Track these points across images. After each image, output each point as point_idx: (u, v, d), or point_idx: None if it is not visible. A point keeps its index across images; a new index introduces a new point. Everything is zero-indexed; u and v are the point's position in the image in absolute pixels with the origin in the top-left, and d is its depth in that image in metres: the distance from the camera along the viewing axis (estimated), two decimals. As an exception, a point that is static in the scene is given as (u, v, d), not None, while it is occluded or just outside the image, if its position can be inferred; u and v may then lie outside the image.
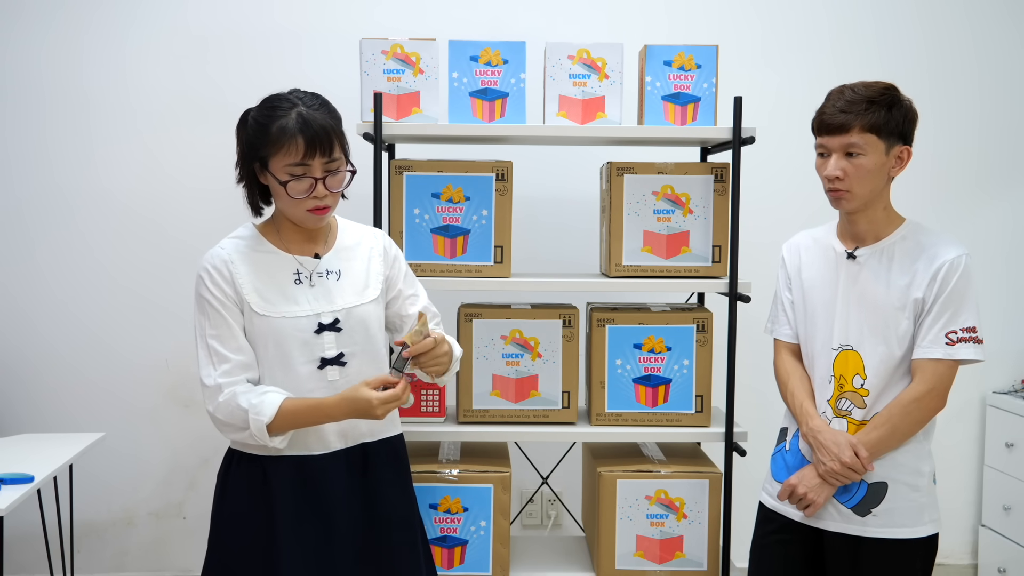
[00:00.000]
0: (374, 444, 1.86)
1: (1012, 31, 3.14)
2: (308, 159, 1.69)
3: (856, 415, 1.90)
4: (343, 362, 1.79)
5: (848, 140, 1.83)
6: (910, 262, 1.87)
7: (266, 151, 1.70)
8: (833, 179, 1.86)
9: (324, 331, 1.77)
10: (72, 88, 2.98)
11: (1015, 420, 3.03)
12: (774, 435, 2.42)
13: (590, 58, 2.40)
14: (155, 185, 3.01)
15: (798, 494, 1.90)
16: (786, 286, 2.06)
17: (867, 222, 1.91)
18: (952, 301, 1.83)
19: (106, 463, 3.00)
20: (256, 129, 1.72)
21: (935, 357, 1.84)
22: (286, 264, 1.79)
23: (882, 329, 1.87)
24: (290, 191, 1.70)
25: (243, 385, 1.72)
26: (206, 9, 2.98)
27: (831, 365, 1.92)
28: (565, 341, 2.41)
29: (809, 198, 2.80)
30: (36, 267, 3.02)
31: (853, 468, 1.84)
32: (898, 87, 1.88)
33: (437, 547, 2.36)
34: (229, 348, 1.73)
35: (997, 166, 3.18)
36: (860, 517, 1.88)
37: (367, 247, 1.90)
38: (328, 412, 1.72)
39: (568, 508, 3.09)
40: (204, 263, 1.76)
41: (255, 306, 1.74)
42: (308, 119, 1.68)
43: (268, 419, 1.67)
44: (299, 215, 1.75)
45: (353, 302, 1.81)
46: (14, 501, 2.09)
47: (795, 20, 3.09)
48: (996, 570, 3.09)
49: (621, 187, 2.41)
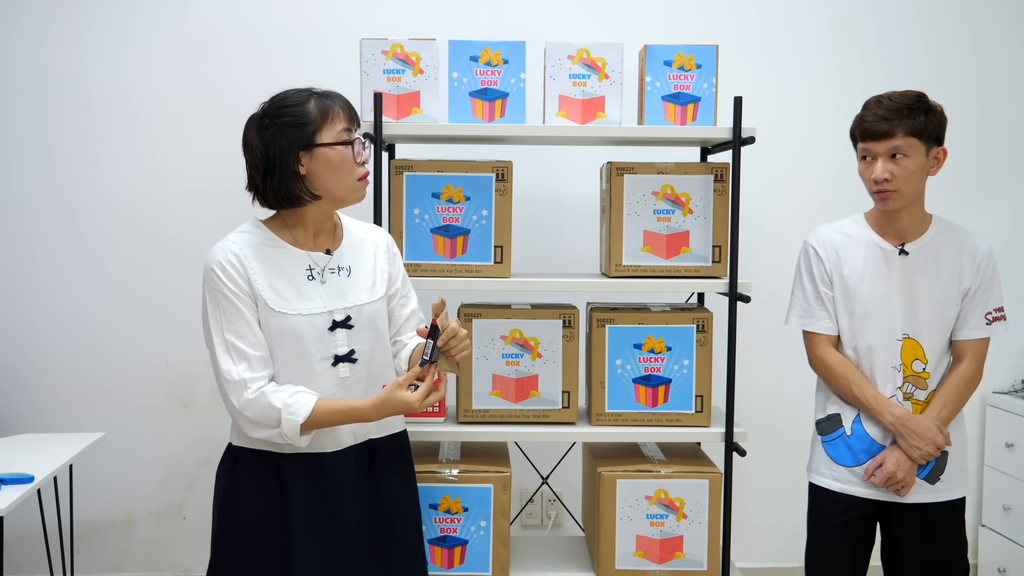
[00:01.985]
0: (381, 440, 1.87)
1: (1012, 31, 3.14)
2: (351, 124, 1.76)
3: (919, 396, 2.11)
4: (354, 359, 1.80)
5: (893, 144, 2.02)
6: (954, 255, 2.10)
7: (312, 128, 1.72)
8: (881, 181, 2.03)
9: (337, 328, 1.78)
10: (73, 88, 2.98)
11: (1015, 420, 3.03)
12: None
13: (590, 58, 2.40)
14: (156, 185, 3.01)
15: (897, 479, 2.06)
16: (823, 282, 2.17)
17: (910, 218, 2.10)
18: (989, 287, 2.12)
19: (106, 463, 3.00)
20: (292, 117, 1.72)
21: (979, 337, 2.11)
22: (299, 260, 1.79)
23: (939, 317, 2.10)
24: (351, 154, 1.74)
25: (271, 384, 1.72)
26: (207, 9, 2.99)
27: (898, 354, 2.10)
28: (565, 341, 2.41)
29: (809, 198, 2.82)
30: (37, 267, 3.02)
31: (941, 447, 2.06)
32: (927, 95, 2.07)
33: (437, 547, 2.36)
34: (248, 343, 1.71)
35: (996, 166, 3.18)
36: (931, 485, 2.10)
37: (372, 244, 1.91)
38: (362, 415, 1.73)
39: (568, 508, 3.09)
40: (216, 257, 1.73)
41: (270, 302, 1.73)
42: (332, 94, 1.77)
43: (303, 419, 1.68)
44: (352, 186, 1.77)
45: (365, 299, 1.83)
46: (14, 501, 2.09)
47: (795, 20, 3.09)
48: (996, 570, 3.09)
49: (621, 187, 2.41)
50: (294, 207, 1.78)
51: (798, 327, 2.21)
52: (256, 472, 1.77)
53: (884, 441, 2.11)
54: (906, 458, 2.06)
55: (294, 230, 1.81)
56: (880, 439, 2.11)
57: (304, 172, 1.73)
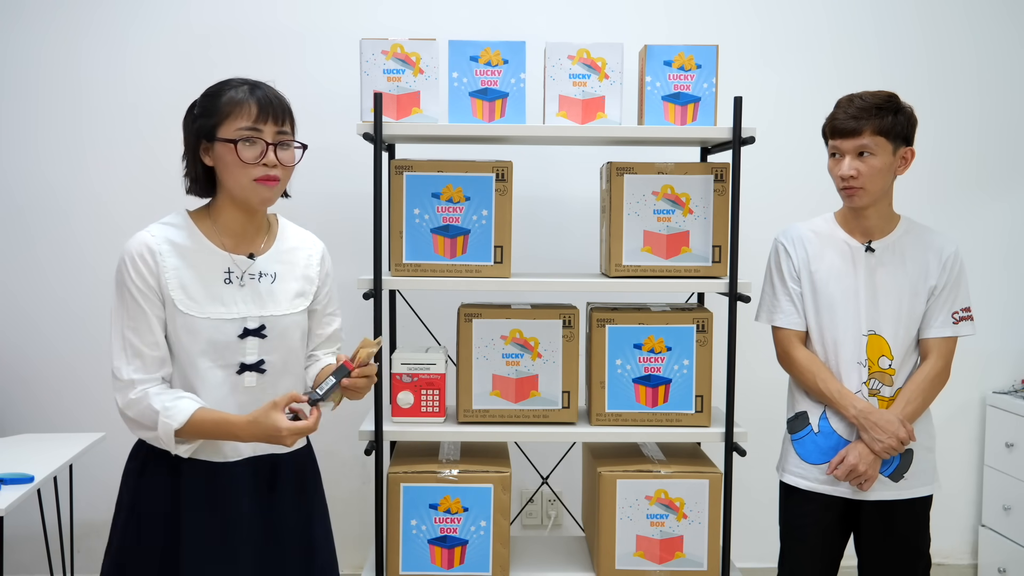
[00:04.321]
0: (283, 457, 1.80)
1: (1012, 32, 3.14)
2: (260, 123, 1.67)
3: (885, 393, 2.14)
4: (263, 369, 1.74)
5: (860, 142, 2.06)
6: (920, 254, 2.14)
7: (215, 120, 1.68)
8: (848, 178, 2.08)
9: (248, 336, 1.71)
10: (72, 87, 2.98)
11: (1015, 420, 3.03)
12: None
13: (590, 58, 2.40)
14: (156, 185, 3.01)
15: (858, 472, 2.08)
16: (791, 277, 2.21)
17: (877, 216, 2.14)
18: (956, 286, 2.15)
19: (106, 463, 2.98)
20: (205, 104, 1.71)
21: (946, 335, 2.14)
22: (218, 261, 1.72)
23: (904, 314, 2.13)
24: (241, 154, 1.65)
25: (157, 385, 1.67)
26: (208, 8, 2.99)
27: (863, 349, 2.13)
28: (565, 341, 2.41)
29: (808, 197, 2.81)
30: (37, 266, 3.02)
31: (904, 442, 2.08)
32: (899, 96, 2.10)
33: (437, 547, 2.36)
34: (145, 342, 1.66)
35: (996, 167, 3.18)
36: (895, 483, 2.13)
37: (305, 254, 1.84)
38: (235, 431, 1.65)
39: (568, 508, 3.09)
40: (129, 249, 1.68)
41: (179, 303, 1.67)
42: (259, 86, 1.72)
43: (178, 425, 1.62)
44: (246, 186, 1.68)
45: (283, 310, 1.76)
46: (14, 501, 2.09)
47: (795, 20, 3.09)
48: (996, 570, 3.09)
49: (621, 187, 2.41)
50: (206, 196, 1.77)
51: (767, 322, 2.27)
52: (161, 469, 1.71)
53: (850, 437, 2.14)
54: (868, 451, 2.08)
55: (219, 225, 1.75)
56: (847, 435, 2.14)
57: (210, 163, 1.72)
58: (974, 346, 2.76)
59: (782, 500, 2.27)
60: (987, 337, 3.08)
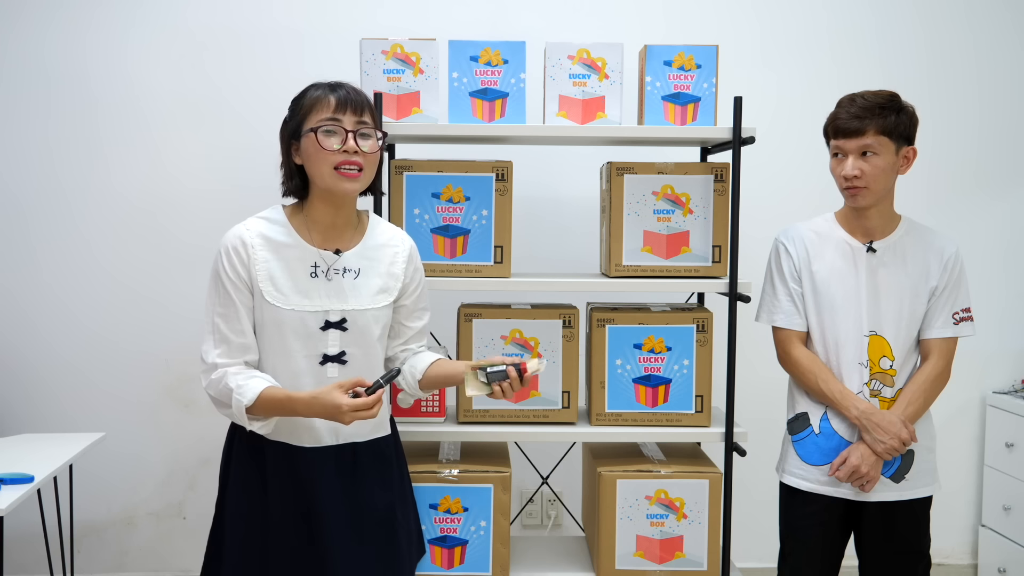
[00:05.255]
0: (363, 444, 1.87)
1: (1012, 32, 3.14)
2: (339, 113, 1.76)
3: (886, 393, 2.13)
4: (344, 360, 1.81)
5: (864, 142, 2.05)
6: (921, 254, 2.13)
7: (300, 117, 1.78)
8: (851, 177, 2.07)
9: (330, 328, 1.79)
10: (75, 88, 2.98)
11: (1015, 420, 3.03)
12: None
13: (590, 58, 2.40)
14: (156, 185, 3.02)
15: (861, 473, 2.07)
16: (792, 277, 2.20)
17: (878, 217, 2.14)
18: (956, 287, 2.14)
19: (106, 463, 3.00)
20: (291, 108, 1.82)
21: (946, 336, 2.14)
22: (306, 256, 1.80)
23: (905, 314, 2.12)
24: (321, 141, 1.73)
25: (237, 366, 1.76)
26: (207, 9, 2.99)
27: (864, 350, 2.12)
28: (565, 341, 2.41)
29: (808, 197, 2.81)
30: (37, 267, 3.02)
31: (906, 443, 2.07)
32: (900, 95, 2.09)
33: (437, 547, 2.36)
34: (232, 330, 1.76)
35: (996, 167, 3.18)
36: (896, 484, 2.12)
37: (392, 251, 1.91)
38: (297, 407, 1.72)
39: (568, 508, 3.09)
40: (226, 241, 1.78)
41: (267, 294, 1.77)
42: (340, 84, 1.81)
43: (248, 402, 1.70)
44: (328, 175, 1.75)
45: (365, 304, 1.83)
46: (14, 501, 2.09)
47: (795, 20, 3.09)
48: (996, 570, 3.09)
49: (621, 187, 2.41)
50: (300, 198, 1.85)
51: (767, 323, 2.25)
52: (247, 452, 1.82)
53: (852, 438, 2.13)
54: (871, 452, 2.08)
55: (310, 221, 1.83)
56: (848, 436, 2.14)
57: (299, 162, 1.80)
58: (974, 346, 2.76)
59: (783, 501, 2.27)
60: (987, 337, 3.08)
